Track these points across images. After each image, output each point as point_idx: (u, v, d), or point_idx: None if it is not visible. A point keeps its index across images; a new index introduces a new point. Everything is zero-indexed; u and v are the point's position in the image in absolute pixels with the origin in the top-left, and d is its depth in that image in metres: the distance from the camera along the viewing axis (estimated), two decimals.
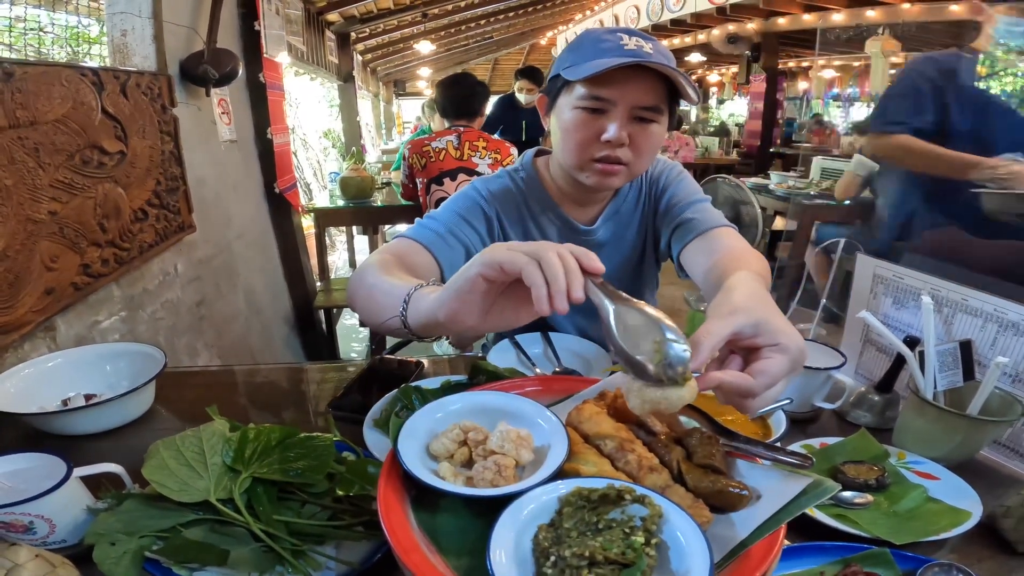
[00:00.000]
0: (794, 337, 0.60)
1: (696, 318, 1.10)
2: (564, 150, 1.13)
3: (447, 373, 1.17)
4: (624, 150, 1.07)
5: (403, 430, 0.70)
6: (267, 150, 2.89)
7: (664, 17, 7.36)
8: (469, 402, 0.75)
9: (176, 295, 1.94)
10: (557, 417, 0.70)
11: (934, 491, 0.80)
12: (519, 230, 1.27)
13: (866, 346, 1.09)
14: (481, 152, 2.75)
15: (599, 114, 1.06)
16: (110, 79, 1.50)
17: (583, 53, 1.04)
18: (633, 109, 1.04)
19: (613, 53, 1.00)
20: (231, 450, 0.73)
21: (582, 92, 1.05)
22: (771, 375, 0.59)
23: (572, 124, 1.08)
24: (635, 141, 1.07)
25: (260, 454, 0.74)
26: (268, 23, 2.73)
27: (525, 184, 1.27)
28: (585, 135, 1.07)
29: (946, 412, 0.86)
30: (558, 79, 1.10)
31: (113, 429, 0.99)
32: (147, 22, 1.78)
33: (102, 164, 1.47)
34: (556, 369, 1.15)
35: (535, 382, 0.82)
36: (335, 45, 5.51)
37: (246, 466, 0.72)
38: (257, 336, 2.69)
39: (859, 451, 0.88)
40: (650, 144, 1.09)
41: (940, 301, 0.93)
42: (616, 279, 1.28)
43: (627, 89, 1.03)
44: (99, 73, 1.46)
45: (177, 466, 0.71)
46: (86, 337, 1.49)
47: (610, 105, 1.04)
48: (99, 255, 1.47)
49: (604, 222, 1.27)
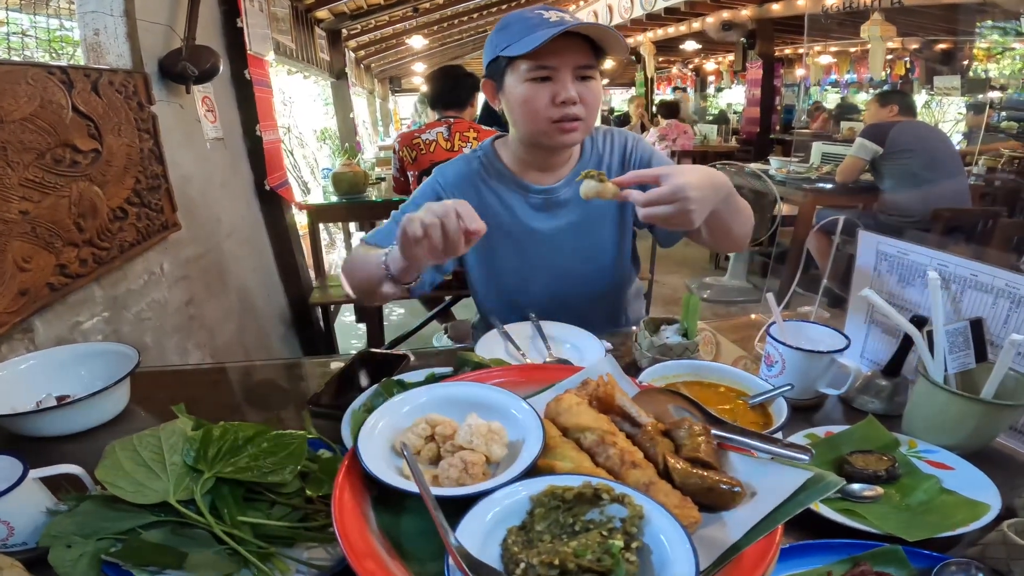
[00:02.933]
0: (684, 172, 0.91)
1: (691, 301, 1.05)
2: (523, 121, 1.23)
3: (433, 365, 1.12)
4: (578, 107, 1.18)
5: (365, 425, 0.66)
6: (256, 147, 2.84)
7: (658, 6, 7.28)
8: (438, 394, 0.71)
9: (163, 295, 1.90)
10: (532, 408, 0.65)
11: (948, 482, 0.75)
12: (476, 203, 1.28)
13: (871, 328, 1.03)
14: (472, 142, 2.70)
15: (547, 82, 1.17)
16: (80, 77, 1.45)
17: (514, 33, 1.16)
18: (575, 70, 1.17)
19: (543, 27, 1.12)
20: (192, 450, 0.70)
21: (528, 65, 1.16)
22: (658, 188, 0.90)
23: (526, 95, 1.18)
24: (584, 98, 1.18)
25: (226, 453, 0.71)
26: (252, 20, 2.68)
27: (482, 163, 1.37)
28: (540, 102, 1.17)
29: (959, 396, 0.80)
30: (499, 60, 1.21)
31: (88, 430, 0.97)
32: (120, 20, 1.74)
33: (75, 163, 1.42)
34: (547, 359, 1.10)
35: (514, 372, 0.78)
36: (326, 42, 5.46)
37: (210, 466, 0.69)
38: (252, 335, 2.65)
39: (867, 440, 0.83)
40: (595, 97, 1.21)
41: (948, 277, 0.87)
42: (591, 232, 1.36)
43: (566, 54, 1.15)
44: (68, 71, 1.41)
45: (133, 467, 0.68)
46: (67, 338, 1.45)
47: (555, 71, 1.16)
48: (76, 255, 1.43)
49: (567, 183, 1.34)
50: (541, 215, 1.34)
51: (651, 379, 0.93)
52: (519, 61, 1.17)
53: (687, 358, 1.02)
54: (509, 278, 1.39)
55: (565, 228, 1.34)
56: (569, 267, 1.36)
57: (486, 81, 1.29)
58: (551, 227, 1.34)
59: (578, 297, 1.37)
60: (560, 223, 1.34)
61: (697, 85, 13.83)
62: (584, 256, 1.36)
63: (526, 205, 1.34)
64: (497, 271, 1.39)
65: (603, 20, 8.70)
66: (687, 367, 0.96)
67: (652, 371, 0.94)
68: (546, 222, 1.34)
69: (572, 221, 1.34)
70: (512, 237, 1.34)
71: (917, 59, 8.86)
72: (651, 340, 1.04)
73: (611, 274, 1.40)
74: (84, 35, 1.75)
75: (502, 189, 1.35)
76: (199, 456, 0.70)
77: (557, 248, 1.34)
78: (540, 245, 1.34)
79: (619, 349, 1.17)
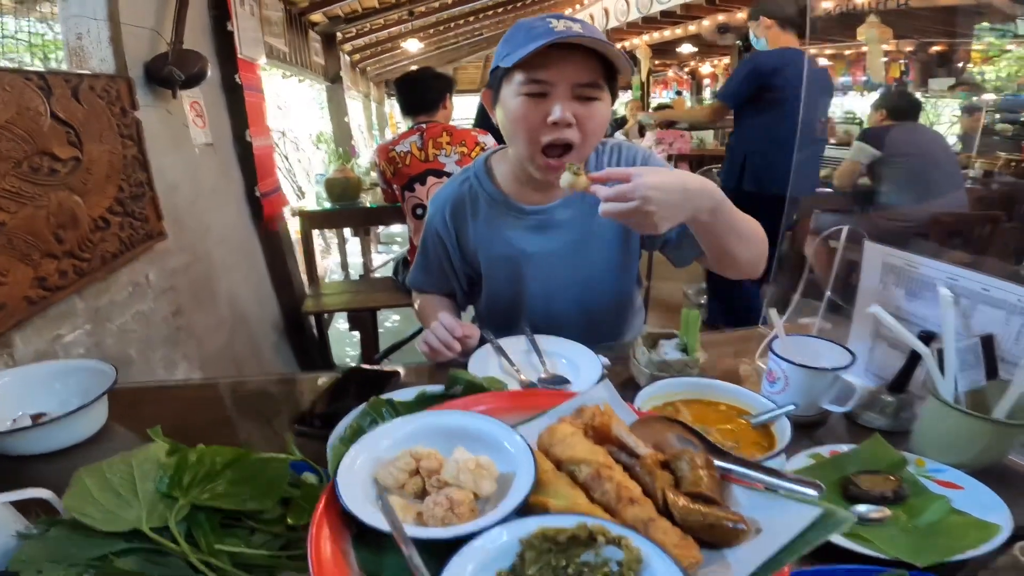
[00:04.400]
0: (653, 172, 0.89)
1: (691, 316, 1.02)
2: (514, 140, 1.15)
3: (426, 382, 1.07)
4: (572, 131, 1.07)
5: (347, 458, 0.62)
6: (248, 153, 2.79)
7: (654, 9, 7.26)
8: (424, 424, 0.66)
9: (148, 306, 1.86)
10: (524, 440, 0.61)
11: (958, 502, 0.72)
12: (468, 231, 1.32)
13: (877, 342, 1.00)
14: (446, 149, 2.62)
15: (542, 98, 1.07)
16: (59, 83, 1.41)
17: (516, 42, 1.06)
18: (574, 88, 1.06)
19: (545, 36, 1.01)
20: (166, 476, 0.67)
21: (521, 78, 1.07)
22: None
23: (517, 111, 1.09)
24: (581, 121, 1.07)
25: (203, 479, 0.68)
26: (242, 24, 2.64)
27: (473, 187, 1.31)
28: (531, 120, 1.08)
29: (970, 416, 0.77)
30: (498, 71, 1.12)
31: (67, 448, 0.94)
32: (103, 24, 1.70)
33: (54, 171, 1.38)
34: (542, 375, 1.06)
35: (505, 397, 0.73)
36: (320, 46, 5.41)
37: (185, 492, 0.66)
38: (243, 344, 2.60)
39: (873, 459, 0.80)
40: (595, 123, 1.09)
41: (958, 292, 0.83)
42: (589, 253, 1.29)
43: (563, 68, 1.04)
44: (46, 77, 1.37)
45: (102, 494, 0.65)
46: (48, 352, 1.41)
47: (550, 87, 1.05)
48: (56, 267, 1.39)
49: (564, 204, 1.26)
50: (536, 237, 1.27)
51: (650, 397, 0.90)
52: (515, 72, 1.07)
53: (687, 374, 0.98)
54: (505, 300, 1.35)
55: (561, 249, 1.27)
56: (567, 289, 1.30)
57: (486, 90, 1.22)
58: (547, 249, 1.27)
59: (577, 317, 1.32)
60: (556, 245, 1.27)
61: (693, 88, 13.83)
62: (582, 277, 1.29)
63: (520, 228, 1.28)
64: (493, 294, 1.36)
65: (599, 23, 8.69)
66: (687, 385, 0.93)
67: (651, 389, 0.90)
68: (542, 244, 1.27)
69: (569, 242, 1.27)
70: (507, 262, 1.30)
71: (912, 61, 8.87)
72: (649, 356, 1.00)
73: (612, 295, 1.35)
74: (67, 39, 1.71)
75: (494, 215, 1.29)
76: (173, 483, 0.66)
77: (553, 270, 1.29)
78: (536, 268, 1.29)
79: (617, 364, 1.12)
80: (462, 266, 1.38)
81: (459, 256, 1.36)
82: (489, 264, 1.33)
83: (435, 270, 1.41)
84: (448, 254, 1.36)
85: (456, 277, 1.40)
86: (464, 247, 1.35)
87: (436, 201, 1.36)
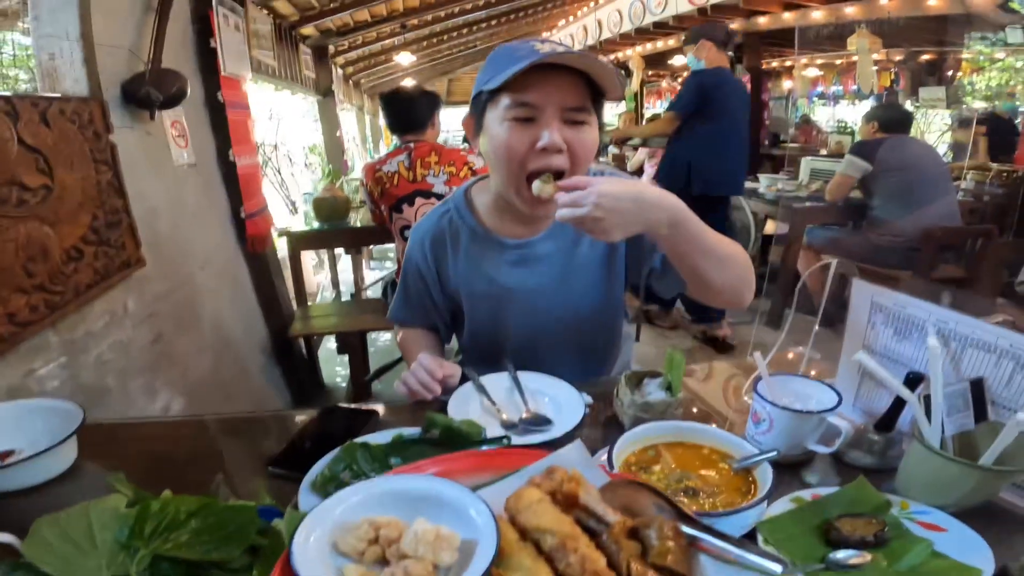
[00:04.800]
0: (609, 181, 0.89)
1: (675, 357, 0.99)
2: (498, 169, 1.10)
3: (406, 419, 1.07)
4: (561, 157, 1.03)
5: (304, 525, 0.59)
6: (231, 173, 2.75)
7: (647, 20, 7.28)
8: (387, 489, 0.63)
9: (127, 335, 1.82)
10: (488, 509, 0.58)
11: (940, 544, 0.71)
12: (448, 266, 1.30)
13: (864, 378, 0.97)
14: (435, 169, 2.58)
15: (529, 123, 1.03)
16: (26, 107, 1.37)
17: (499, 65, 1.02)
18: (563, 112, 1.02)
19: (530, 57, 0.97)
20: (126, 527, 0.65)
21: (507, 102, 1.03)
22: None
23: (503, 138, 1.04)
24: (571, 147, 1.03)
25: (166, 529, 0.65)
26: (226, 40, 2.61)
27: (453, 220, 1.27)
28: (519, 147, 1.03)
29: (956, 462, 0.75)
30: (480, 95, 1.08)
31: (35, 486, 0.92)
32: (75, 44, 1.65)
33: (23, 201, 1.34)
34: (523, 415, 1.03)
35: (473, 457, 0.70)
36: (311, 59, 5.39)
37: (146, 542, 0.64)
38: (229, 369, 2.56)
39: (857, 503, 0.77)
40: (586, 149, 1.06)
41: (948, 335, 0.80)
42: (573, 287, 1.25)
43: (551, 91, 1.01)
44: (12, 101, 1.33)
45: (61, 544, 0.64)
46: (20, 387, 1.38)
47: (538, 111, 1.02)
48: (26, 302, 1.34)
49: (546, 237, 1.23)
50: (518, 271, 1.23)
51: (632, 441, 0.87)
52: (500, 96, 1.03)
53: (670, 415, 0.96)
54: (488, 335, 1.31)
55: (545, 284, 1.23)
56: (550, 323, 1.26)
57: (467, 117, 1.17)
58: (529, 284, 1.23)
59: (561, 351, 1.28)
60: (538, 280, 1.23)
61: None
62: (566, 312, 1.25)
63: (501, 262, 1.24)
64: (475, 329, 1.33)
65: (592, 35, 8.72)
66: (669, 428, 0.90)
67: (633, 434, 0.87)
68: (524, 279, 1.23)
69: (552, 277, 1.23)
70: (488, 298, 1.26)
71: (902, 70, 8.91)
72: (632, 397, 0.97)
73: (597, 328, 1.31)
74: (39, 59, 1.66)
75: (475, 249, 1.25)
76: (133, 533, 0.65)
77: (537, 305, 1.25)
78: (518, 304, 1.25)
79: (601, 401, 1.09)
80: (444, 301, 1.35)
81: (440, 291, 1.33)
82: (471, 300, 1.29)
83: (416, 305, 1.38)
84: (429, 289, 1.34)
85: (438, 311, 1.37)
86: (445, 282, 1.31)
87: (416, 235, 1.33)
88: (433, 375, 1.09)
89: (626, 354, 1.45)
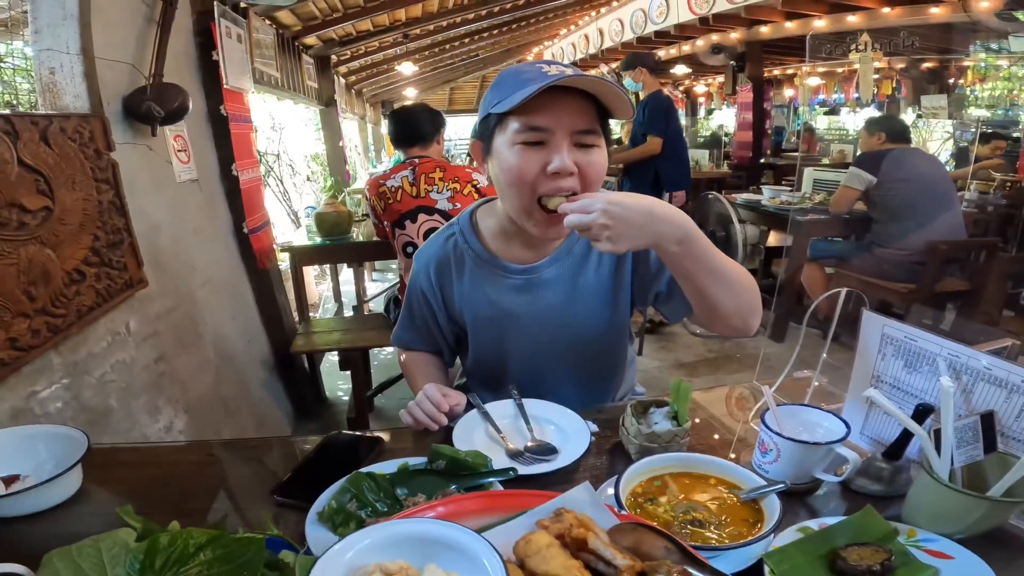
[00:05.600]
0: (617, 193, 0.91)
1: (682, 387, 0.98)
2: (508, 194, 1.09)
3: (409, 447, 1.08)
4: (572, 180, 1.02)
5: (316, 570, 0.58)
6: (234, 187, 2.74)
7: (648, 29, 7.32)
8: (398, 532, 0.63)
9: (129, 355, 1.80)
10: (499, 556, 0.57)
11: (947, 572, 0.70)
12: (453, 291, 1.29)
13: (872, 407, 0.96)
14: (439, 185, 2.57)
15: (540, 147, 1.02)
16: (27, 126, 1.34)
17: (507, 88, 1.02)
18: (573, 135, 1.02)
19: (539, 81, 0.96)
20: (136, 562, 0.64)
21: (517, 126, 1.02)
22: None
23: (513, 162, 1.03)
24: (582, 170, 1.02)
25: (176, 561, 0.65)
26: (229, 53, 2.61)
27: (458, 244, 1.26)
28: (529, 171, 1.02)
29: (965, 495, 0.75)
30: (489, 119, 1.07)
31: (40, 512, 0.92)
32: (76, 59, 1.63)
33: (23, 224, 1.32)
34: (528, 444, 1.02)
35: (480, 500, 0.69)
36: (314, 69, 5.41)
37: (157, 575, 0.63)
38: (231, 385, 2.54)
39: (864, 532, 0.77)
40: (596, 171, 1.04)
41: (959, 368, 0.80)
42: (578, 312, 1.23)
43: (561, 114, 1.00)
44: (12, 120, 1.31)
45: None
46: (23, 410, 1.36)
47: (549, 135, 1.01)
48: (28, 326, 1.33)
49: (551, 262, 1.22)
50: (522, 297, 1.22)
51: (638, 472, 0.86)
52: (509, 120, 1.02)
53: (676, 446, 0.95)
54: (491, 360, 1.30)
55: (549, 309, 1.22)
56: (554, 348, 1.25)
57: (475, 142, 1.16)
58: (533, 310, 1.22)
59: (565, 376, 1.27)
60: (543, 305, 1.22)
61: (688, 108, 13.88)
62: (570, 337, 1.24)
63: (505, 287, 1.23)
64: (479, 353, 1.32)
65: (594, 44, 8.75)
66: (676, 460, 0.89)
67: (639, 466, 0.87)
68: (528, 305, 1.22)
69: (557, 302, 1.22)
70: (492, 322, 1.25)
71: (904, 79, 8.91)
72: (639, 427, 0.96)
73: (601, 354, 1.29)
74: (39, 74, 1.64)
75: (480, 274, 1.24)
76: (144, 567, 0.64)
77: (540, 330, 1.23)
78: (522, 329, 1.24)
79: (607, 429, 1.08)
80: (448, 324, 1.34)
81: (445, 315, 1.32)
82: (474, 324, 1.28)
83: (421, 328, 1.37)
84: (434, 313, 1.33)
85: (442, 335, 1.36)
86: (450, 306, 1.31)
87: (420, 259, 1.32)
88: (439, 407, 1.09)
89: (630, 379, 1.43)
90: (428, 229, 2.55)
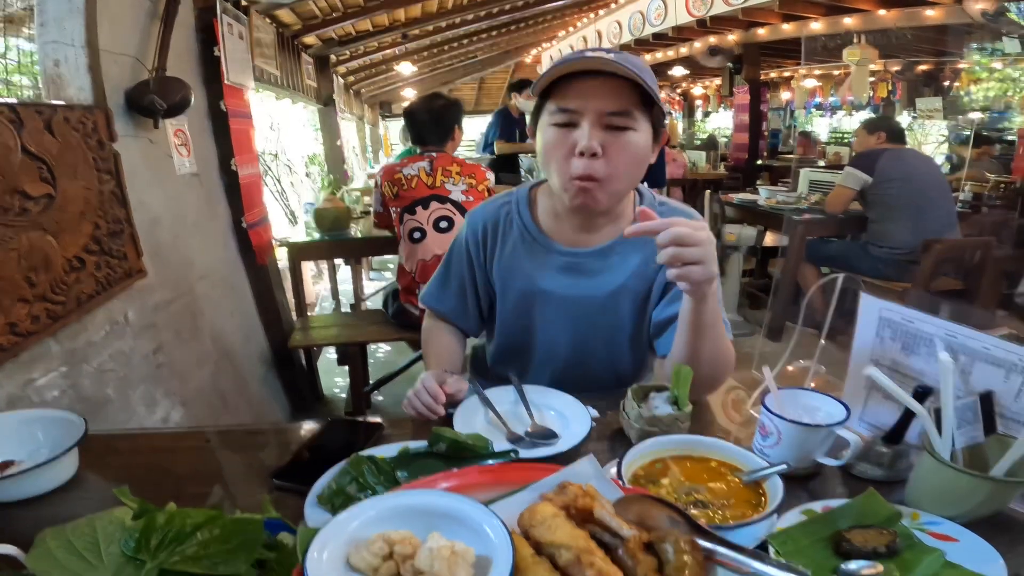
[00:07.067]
0: (676, 225, 0.87)
1: (683, 371, 0.98)
2: (546, 172, 1.14)
3: (409, 434, 1.07)
4: (598, 162, 1.04)
5: (317, 540, 0.58)
6: (233, 182, 2.75)
7: (646, 31, 7.34)
8: (401, 504, 0.63)
9: (128, 345, 1.81)
10: (503, 525, 0.57)
11: (952, 554, 0.70)
12: (493, 255, 1.29)
13: (872, 392, 0.96)
14: (455, 178, 2.60)
15: (570, 128, 1.05)
16: (31, 115, 1.36)
17: (549, 73, 1.05)
18: (601, 117, 1.03)
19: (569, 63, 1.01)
20: (132, 540, 0.64)
21: (552, 108, 1.06)
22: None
23: (548, 141, 1.08)
24: (609, 152, 1.04)
25: (172, 541, 0.65)
26: (230, 49, 2.61)
27: (510, 212, 1.28)
28: (559, 150, 1.06)
29: (967, 475, 0.75)
30: (538, 102, 1.12)
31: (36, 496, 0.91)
32: (80, 51, 1.64)
33: (25, 210, 1.33)
34: (529, 429, 1.02)
35: (486, 472, 0.70)
36: (313, 68, 5.42)
37: (153, 555, 0.63)
38: (228, 379, 2.54)
39: (867, 514, 0.77)
40: (626, 154, 1.05)
41: (957, 349, 0.80)
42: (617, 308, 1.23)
43: (590, 97, 1.02)
44: (17, 109, 1.32)
45: (67, 556, 0.63)
46: (21, 397, 1.36)
47: (578, 116, 1.03)
48: (27, 312, 1.33)
49: (599, 252, 1.21)
50: (560, 277, 1.22)
51: (640, 455, 0.86)
52: (547, 103, 1.08)
53: (677, 429, 0.95)
54: (515, 335, 1.31)
55: (584, 297, 1.21)
56: (578, 337, 1.25)
57: (530, 124, 1.19)
58: (570, 293, 1.22)
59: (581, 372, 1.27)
60: (580, 291, 1.21)
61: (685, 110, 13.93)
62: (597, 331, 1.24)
63: (547, 265, 1.23)
64: (504, 326, 1.32)
65: (592, 46, 8.76)
66: (677, 442, 0.89)
67: (641, 448, 0.87)
68: (566, 288, 1.22)
69: (594, 291, 1.21)
70: (522, 296, 1.26)
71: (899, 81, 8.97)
72: (639, 411, 0.96)
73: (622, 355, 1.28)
74: (44, 66, 1.66)
75: (522, 247, 1.25)
76: (140, 545, 0.64)
77: (568, 315, 1.23)
78: (552, 308, 1.24)
79: (607, 414, 1.09)
80: (484, 285, 1.33)
81: (484, 275, 1.32)
82: (503, 295, 1.28)
83: (455, 286, 1.36)
84: (473, 271, 1.33)
85: (476, 296, 1.35)
86: (489, 268, 1.31)
87: (473, 217, 1.32)
88: (436, 398, 1.09)
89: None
90: (439, 217, 2.57)
